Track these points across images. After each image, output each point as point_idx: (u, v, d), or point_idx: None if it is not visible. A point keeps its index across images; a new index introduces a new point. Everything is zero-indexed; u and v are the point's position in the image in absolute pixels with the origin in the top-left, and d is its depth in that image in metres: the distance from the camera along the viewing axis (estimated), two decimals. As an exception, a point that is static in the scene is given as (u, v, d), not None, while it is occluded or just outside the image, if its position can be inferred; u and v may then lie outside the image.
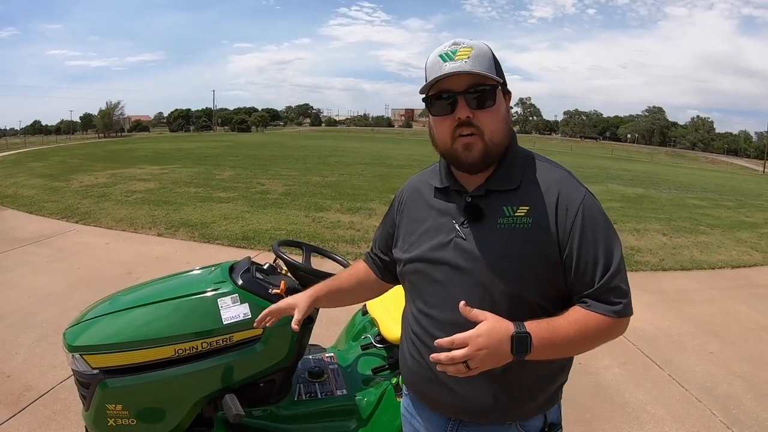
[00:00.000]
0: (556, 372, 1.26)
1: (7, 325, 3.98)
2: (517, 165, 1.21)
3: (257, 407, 1.92)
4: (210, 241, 6.77)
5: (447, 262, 1.19)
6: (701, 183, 21.00)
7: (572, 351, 1.19)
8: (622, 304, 1.13)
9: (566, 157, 35.97)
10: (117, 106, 70.25)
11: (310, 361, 2.22)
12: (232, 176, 13.13)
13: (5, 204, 9.12)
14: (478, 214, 1.18)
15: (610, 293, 1.13)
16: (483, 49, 1.15)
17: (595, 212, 1.16)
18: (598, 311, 1.12)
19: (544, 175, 1.20)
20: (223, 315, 1.77)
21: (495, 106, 1.15)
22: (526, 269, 1.13)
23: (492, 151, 1.16)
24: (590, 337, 1.13)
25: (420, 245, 1.26)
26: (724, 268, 6.63)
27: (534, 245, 1.13)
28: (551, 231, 1.13)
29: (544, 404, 1.27)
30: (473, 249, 1.16)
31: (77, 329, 1.80)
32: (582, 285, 1.14)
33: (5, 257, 5.85)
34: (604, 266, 1.13)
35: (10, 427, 2.74)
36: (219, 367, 1.77)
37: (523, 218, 1.15)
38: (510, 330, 1.05)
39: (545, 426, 1.28)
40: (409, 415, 1.43)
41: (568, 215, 1.14)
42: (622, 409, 3.17)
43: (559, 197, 1.15)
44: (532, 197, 1.16)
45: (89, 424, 1.81)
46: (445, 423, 1.29)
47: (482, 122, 1.14)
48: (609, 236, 1.16)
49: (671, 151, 73.61)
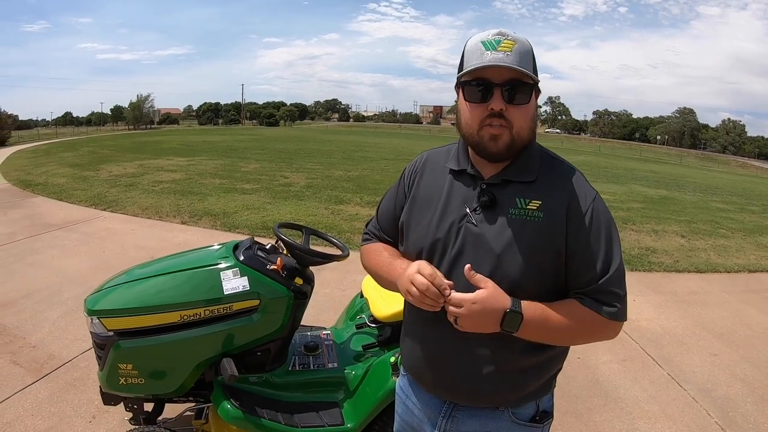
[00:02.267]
0: (551, 360, 1.28)
1: (35, 302, 4.23)
2: (534, 159, 1.23)
3: (254, 374, 2.09)
4: (231, 230, 6.98)
5: (454, 245, 1.21)
6: (729, 187, 20.48)
7: (559, 340, 1.22)
8: (617, 308, 1.17)
9: (593, 157, 35.43)
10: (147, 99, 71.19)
11: (308, 337, 2.38)
12: (257, 169, 13.35)
13: (36, 191, 9.49)
14: (491, 201, 1.19)
15: (606, 295, 1.16)
16: (526, 46, 1.15)
17: (603, 215, 1.19)
18: (593, 308, 1.16)
19: (559, 173, 1.23)
20: (225, 286, 1.95)
21: (528, 104, 1.17)
22: (531, 261, 1.15)
23: (516, 145, 1.17)
24: (580, 330, 1.18)
25: (430, 225, 1.26)
26: (740, 271, 6.52)
27: (542, 239, 1.16)
28: (561, 228, 1.16)
29: (537, 392, 1.29)
30: (482, 235, 1.18)
31: (96, 296, 2.01)
32: (580, 282, 1.17)
33: (35, 240, 6.13)
34: (604, 268, 1.16)
35: (33, 390, 2.97)
36: (219, 333, 1.95)
37: (534, 212, 1.17)
38: (505, 305, 1.11)
39: (537, 413, 1.31)
40: (403, 395, 1.46)
41: (577, 214, 1.17)
42: (616, 404, 3.19)
43: (572, 196, 1.18)
44: (546, 193, 1.19)
45: (103, 383, 2.02)
46: (439, 405, 1.32)
47: (513, 117, 1.15)
48: (612, 240, 1.18)
49: (701, 153, 71.84)
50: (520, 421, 1.29)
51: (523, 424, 1.30)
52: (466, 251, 1.20)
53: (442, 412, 1.32)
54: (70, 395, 2.92)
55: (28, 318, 3.92)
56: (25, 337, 3.60)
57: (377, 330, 2.33)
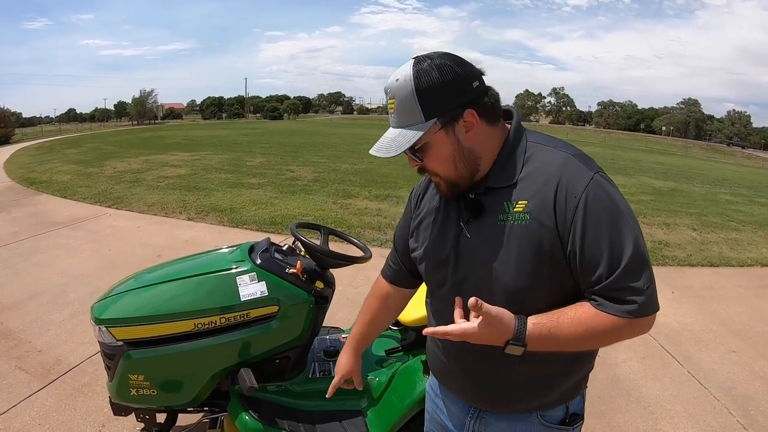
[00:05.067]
0: (578, 364, 1.22)
1: (41, 303, 4.15)
2: (513, 160, 1.14)
3: (272, 382, 2.00)
4: (238, 226, 6.90)
5: (454, 261, 1.19)
6: (736, 178, 20.36)
7: (578, 349, 1.14)
8: (636, 304, 1.02)
9: (599, 148, 35.24)
10: (150, 94, 71.66)
11: (327, 341, 2.29)
12: (263, 163, 13.28)
13: (41, 189, 9.41)
14: (479, 211, 1.15)
15: (621, 292, 1.03)
16: (405, 92, 1.07)
17: (602, 198, 1.04)
18: (608, 311, 1.03)
19: (546, 163, 1.11)
20: (241, 292, 1.85)
21: (433, 152, 1.12)
22: (526, 267, 1.08)
23: (460, 182, 1.15)
24: (597, 336, 1.06)
25: (430, 242, 1.26)
26: (753, 265, 6.43)
27: (533, 242, 1.07)
28: (550, 225, 1.06)
29: (566, 394, 1.25)
30: (475, 246, 1.15)
31: (104, 303, 1.91)
32: (591, 281, 1.05)
33: (40, 239, 6.06)
34: (612, 262, 1.02)
35: (40, 397, 2.89)
36: (236, 341, 1.85)
37: (521, 214, 1.08)
38: (507, 336, 1.05)
39: (566, 416, 1.26)
40: (433, 393, 1.45)
41: (568, 205, 1.04)
42: (638, 404, 3.14)
43: (559, 186, 1.06)
44: (531, 190, 1.09)
45: (113, 394, 1.92)
46: (466, 409, 1.30)
47: (433, 167, 1.15)
48: (619, 226, 1.04)
49: (706, 145, 71.43)
50: (550, 423, 1.25)
51: (552, 426, 1.26)
52: (465, 265, 1.18)
53: (470, 413, 1.30)
54: (78, 402, 2.84)
55: (34, 321, 3.84)
56: (30, 341, 3.52)
57: (400, 334, 2.25)
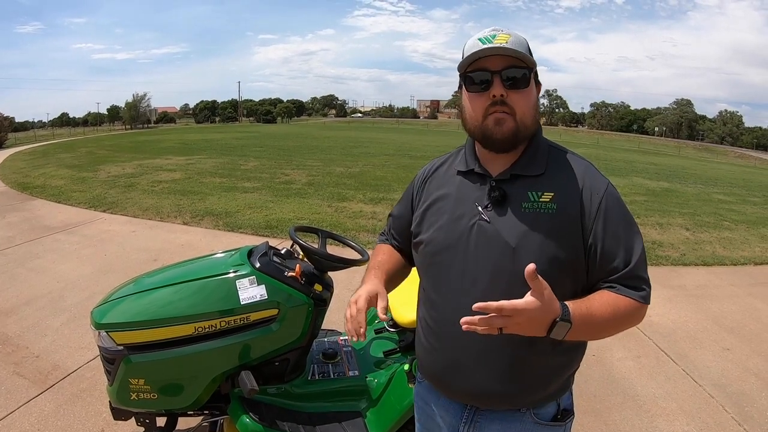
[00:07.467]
0: (571, 360, 1.27)
1: (37, 309, 4.15)
2: (542, 152, 1.23)
3: (272, 385, 2.01)
4: (234, 230, 6.91)
5: (469, 245, 1.20)
6: (728, 178, 20.46)
7: (603, 334, 1.19)
8: (646, 291, 1.17)
9: (592, 149, 35.37)
10: (143, 98, 71.17)
11: (325, 344, 2.31)
12: (257, 167, 13.28)
13: (35, 194, 9.38)
14: (502, 197, 1.19)
15: (635, 280, 1.16)
16: (520, 38, 1.17)
17: (618, 203, 1.19)
18: (627, 295, 1.15)
19: (569, 164, 1.23)
20: (241, 296, 1.86)
21: (528, 89, 1.17)
22: (548, 254, 1.13)
23: (521, 132, 1.17)
24: (620, 319, 1.15)
25: (442, 227, 1.26)
26: (746, 264, 6.49)
27: (558, 231, 1.15)
28: (576, 217, 1.15)
29: (557, 391, 1.29)
30: (496, 232, 1.17)
31: (104, 308, 1.92)
32: (608, 271, 1.16)
33: (35, 245, 6.05)
34: (629, 254, 1.16)
35: (39, 402, 2.89)
36: (236, 345, 1.86)
37: (548, 204, 1.16)
38: (555, 313, 1.04)
39: (558, 413, 1.30)
40: (422, 402, 1.44)
41: (592, 203, 1.16)
42: (634, 402, 3.16)
43: (584, 185, 1.18)
44: (557, 184, 1.19)
45: (113, 398, 1.94)
46: (461, 410, 1.30)
47: (515, 103, 1.16)
48: (632, 226, 1.19)
49: (699, 144, 71.86)
50: (543, 421, 1.28)
51: (545, 424, 1.28)
52: (481, 249, 1.18)
53: (464, 417, 1.30)
54: (77, 408, 2.84)
55: (31, 326, 3.84)
56: (28, 347, 3.52)
57: (397, 335, 2.27)
